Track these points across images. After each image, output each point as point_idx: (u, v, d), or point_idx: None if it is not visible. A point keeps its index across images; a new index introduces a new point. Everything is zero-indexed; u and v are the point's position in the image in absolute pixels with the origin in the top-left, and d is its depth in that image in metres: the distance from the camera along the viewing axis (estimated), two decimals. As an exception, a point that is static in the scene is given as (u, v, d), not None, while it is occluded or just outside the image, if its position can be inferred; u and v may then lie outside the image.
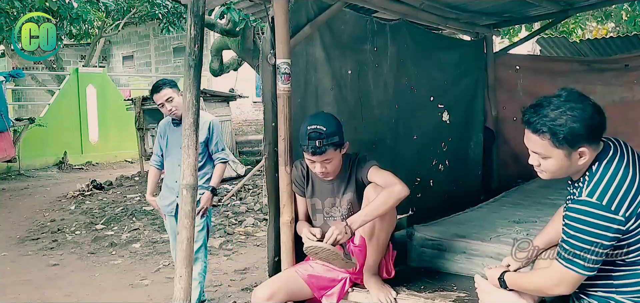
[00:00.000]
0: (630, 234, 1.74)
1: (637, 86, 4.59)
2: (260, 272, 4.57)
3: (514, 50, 5.66)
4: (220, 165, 3.61)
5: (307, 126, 2.49)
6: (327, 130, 2.46)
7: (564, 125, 1.72)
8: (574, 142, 1.74)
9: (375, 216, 2.44)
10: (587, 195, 1.75)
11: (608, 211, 1.71)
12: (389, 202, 2.41)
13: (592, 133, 1.75)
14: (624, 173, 1.75)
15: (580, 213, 1.74)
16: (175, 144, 3.46)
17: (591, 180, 1.77)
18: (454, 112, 4.51)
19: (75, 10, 10.44)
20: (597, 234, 1.71)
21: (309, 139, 2.45)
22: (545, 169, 1.84)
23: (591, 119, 1.73)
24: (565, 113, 1.73)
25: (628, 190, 1.72)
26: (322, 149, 2.45)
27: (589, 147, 1.76)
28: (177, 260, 2.63)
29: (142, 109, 10.36)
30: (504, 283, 2.02)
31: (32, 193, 9.43)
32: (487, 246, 2.83)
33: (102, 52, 18.79)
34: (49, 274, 4.96)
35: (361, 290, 2.69)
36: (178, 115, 3.41)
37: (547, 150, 1.78)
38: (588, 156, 1.77)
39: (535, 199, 3.92)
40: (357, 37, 3.47)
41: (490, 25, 4.89)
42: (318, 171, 2.55)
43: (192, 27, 2.58)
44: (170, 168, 3.59)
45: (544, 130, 1.75)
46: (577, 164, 1.79)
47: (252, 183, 8.27)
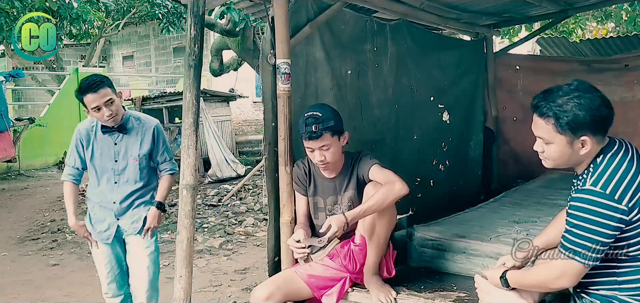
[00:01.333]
0: (633, 226, 1.74)
1: (637, 86, 4.59)
2: (260, 272, 4.57)
3: (514, 50, 5.66)
4: (168, 176, 3.04)
5: (305, 113, 2.56)
6: (322, 116, 2.51)
7: (568, 112, 1.75)
8: (577, 130, 1.76)
9: (373, 211, 2.44)
10: (591, 185, 1.76)
11: (611, 200, 1.72)
12: (387, 199, 2.42)
13: (596, 124, 1.76)
14: (628, 165, 1.76)
15: (584, 202, 1.75)
16: (107, 156, 2.92)
17: (595, 171, 1.79)
18: (454, 112, 4.51)
19: (75, 10, 10.45)
20: (600, 223, 1.72)
21: (306, 125, 2.50)
22: (548, 156, 1.86)
23: (597, 110, 1.74)
24: (572, 100, 1.75)
25: (632, 181, 1.74)
26: (318, 133, 2.48)
27: (592, 138, 1.77)
28: (177, 260, 2.64)
29: (142, 109, 10.37)
30: (506, 282, 2.01)
31: (32, 193, 9.43)
32: (487, 246, 2.83)
33: (102, 52, 18.80)
34: (49, 274, 4.96)
35: (361, 290, 2.69)
36: (117, 122, 2.86)
37: (550, 135, 1.80)
38: (590, 147, 1.78)
39: (535, 199, 3.92)
40: (357, 37, 3.47)
41: (490, 25, 4.89)
42: (317, 159, 2.56)
43: (192, 27, 2.58)
44: (104, 186, 2.94)
45: (549, 115, 1.78)
46: (579, 154, 1.80)
47: (252, 183, 8.27)
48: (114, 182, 2.93)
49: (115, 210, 2.93)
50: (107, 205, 2.94)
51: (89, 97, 2.74)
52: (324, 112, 2.53)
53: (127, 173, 2.92)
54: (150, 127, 2.97)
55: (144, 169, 2.95)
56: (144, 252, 2.97)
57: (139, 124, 2.96)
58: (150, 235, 2.97)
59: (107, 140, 2.91)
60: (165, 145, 3.04)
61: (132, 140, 2.92)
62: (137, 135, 2.94)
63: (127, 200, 2.93)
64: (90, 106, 2.76)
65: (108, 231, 2.95)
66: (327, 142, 2.52)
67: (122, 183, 2.93)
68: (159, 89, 15.00)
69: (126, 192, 2.93)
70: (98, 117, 2.82)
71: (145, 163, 2.95)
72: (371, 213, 2.46)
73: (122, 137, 2.91)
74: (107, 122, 2.83)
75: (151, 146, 2.95)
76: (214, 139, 9.44)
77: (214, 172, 9.20)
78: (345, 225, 2.44)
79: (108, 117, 2.79)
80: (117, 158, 2.91)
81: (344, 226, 2.43)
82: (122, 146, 2.92)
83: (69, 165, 2.97)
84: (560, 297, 2.18)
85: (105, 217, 2.95)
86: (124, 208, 2.94)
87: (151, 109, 10.38)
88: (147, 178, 2.99)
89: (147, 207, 2.97)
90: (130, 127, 2.93)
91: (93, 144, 2.93)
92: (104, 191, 2.94)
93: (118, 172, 2.92)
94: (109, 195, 2.93)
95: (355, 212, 2.45)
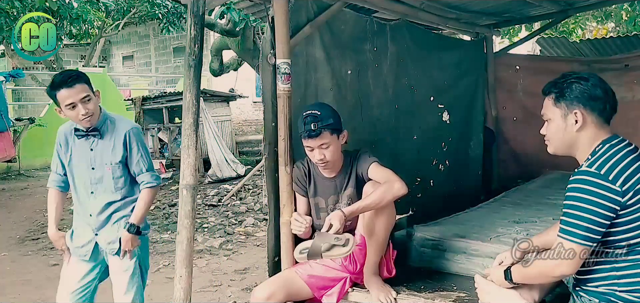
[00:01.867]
0: (627, 210, 1.76)
1: (637, 86, 4.59)
2: (260, 272, 4.57)
3: (514, 50, 5.66)
4: (146, 191, 2.65)
5: (304, 113, 2.56)
6: (321, 114, 2.52)
7: (568, 87, 1.88)
8: (571, 101, 1.86)
9: (370, 208, 2.45)
10: (586, 167, 1.81)
11: (605, 180, 1.75)
12: (386, 197, 2.43)
13: (587, 99, 1.85)
14: (625, 154, 1.80)
15: (578, 183, 1.79)
16: (83, 162, 2.62)
17: (593, 157, 1.84)
18: (454, 112, 4.51)
19: (75, 10, 10.44)
20: (594, 202, 1.75)
21: (305, 123, 2.50)
22: (549, 137, 1.95)
23: (592, 87, 1.85)
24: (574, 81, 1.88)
25: (627, 166, 1.77)
26: (317, 131, 2.49)
27: (586, 115, 1.85)
28: (177, 260, 2.63)
29: (142, 108, 10.38)
30: (510, 276, 2.03)
31: (32, 193, 9.43)
32: (487, 246, 2.83)
33: (102, 52, 18.79)
34: (49, 274, 4.96)
35: (361, 290, 2.69)
36: (93, 123, 2.56)
37: (550, 109, 1.92)
38: (582, 123, 1.85)
39: (535, 199, 3.92)
40: (357, 37, 3.47)
41: (490, 25, 4.89)
42: (317, 158, 2.56)
43: (192, 27, 2.58)
44: (82, 196, 2.67)
45: (552, 90, 1.92)
46: (573, 132, 1.87)
47: (252, 183, 8.27)
48: (91, 192, 2.63)
49: (92, 223, 2.64)
50: (84, 218, 2.67)
51: (63, 93, 2.46)
52: (323, 111, 2.54)
53: (104, 183, 2.62)
54: (122, 130, 2.62)
55: (119, 179, 2.62)
56: (123, 276, 2.68)
57: (113, 127, 2.65)
58: (130, 257, 2.66)
59: (83, 145, 2.62)
60: (142, 153, 2.65)
61: (106, 145, 2.62)
62: (110, 140, 2.62)
63: (103, 213, 2.63)
64: (64, 103, 2.48)
65: (85, 247, 2.66)
66: (327, 141, 2.52)
67: (99, 194, 2.63)
68: (159, 89, 15.01)
69: (102, 204, 2.63)
70: (72, 116, 2.53)
71: (121, 172, 2.62)
72: (369, 210, 2.46)
73: (97, 142, 2.62)
74: (83, 123, 2.53)
75: (124, 153, 2.61)
76: (214, 138, 9.45)
77: (214, 172, 9.20)
78: (344, 220, 2.40)
79: (83, 116, 2.50)
80: (93, 165, 2.62)
81: (343, 222, 2.40)
82: (98, 152, 2.62)
83: (52, 171, 2.73)
84: (560, 296, 2.19)
85: (84, 231, 2.67)
86: (101, 222, 2.64)
87: (151, 109, 10.38)
88: (126, 190, 2.66)
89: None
90: (104, 130, 2.63)
91: (72, 149, 2.65)
92: (82, 201, 2.67)
93: (95, 181, 2.62)
94: (86, 206, 2.65)
95: (352, 207, 2.45)
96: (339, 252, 2.39)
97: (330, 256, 2.42)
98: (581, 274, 1.89)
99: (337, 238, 2.36)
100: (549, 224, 2.78)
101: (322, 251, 2.37)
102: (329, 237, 2.36)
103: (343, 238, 2.37)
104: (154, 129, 10.41)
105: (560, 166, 4.61)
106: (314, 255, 2.40)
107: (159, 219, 6.79)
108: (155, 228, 6.39)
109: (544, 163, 4.75)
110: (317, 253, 2.38)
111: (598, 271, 1.86)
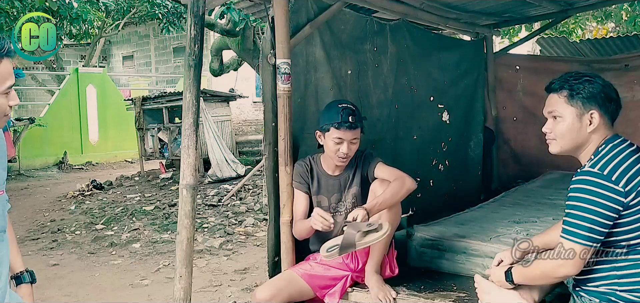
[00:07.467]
0: (630, 211, 1.76)
1: (637, 86, 4.59)
2: (260, 272, 4.57)
3: (514, 50, 5.66)
4: None
5: (338, 105, 2.57)
6: (356, 109, 2.58)
7: (582, 86, 1.85)
8: (588, 101, 1.83)
9: (388, 203, 2.48)
10: (589, 167, 1.80)
11: (608, 180, 1.75)
12: (401, 192, 2.49)
13: (605, 101, 1.84)
14: (628, 154, 1.80)
15: (581, 183, 1.79)
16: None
17: (595, 157, 1.83)
18: (454, 112, 4.51)
19: (75, 10, 10.44)
20: (597, 202, 1.74)
21: (341, 115, 2.51)
22: (556, 134, 1.90)
23: (609, 88, 1.86)
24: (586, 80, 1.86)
25: (630, 167, 1.77)
26: (355, 124, 2.53)
27: (600, 116, 1.83)
28: (177, 260, 2.63)
29: (142, 108, 10.37)
30: (510, 276, 2.02)
31: (32, 193, 9.43)
32: (487, 246, 2.83)
33: (102, 52, 18.79)
34: (49, 274, 4.96)
35: (361, 289, 2.69)
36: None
37: (562, 107, 1.87)
38: (596, 124, 1.83)
39: (535, 199, 3.92)
40: (357, 37, 3.47)
41: (490, 25, 4.89)
42: (343, 152, 2.56)
43: (192, 27, 2.58)
44: None
45: (564, 87, 1.87)
46: (586, 132, 1.84)
47: (252, 183, 8.27)
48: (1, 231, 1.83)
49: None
50: None
51: None
52: (356, 107, 2.60)
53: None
54: None
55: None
56: None
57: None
58: None
59: None
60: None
61: None
62: None
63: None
64: None
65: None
66: (358, 136, 2.58)
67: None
68: (159, 89, 14.99)
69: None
70: None
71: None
72: (387, 206, 2.48)
73: None
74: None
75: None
76: (214, 138, 9.44)
77: (214, 172, 9.19)
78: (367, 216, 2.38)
79: None
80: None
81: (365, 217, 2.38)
82: None
83: None
84: (560, 296, 2.19)
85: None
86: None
87: (151, 109, 10.38)
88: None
89: None
90: None
91: None
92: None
93: None
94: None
95: (372, 203, 2.47)
96: (374, 237, 2.32)
97: (365, 244, 2.34)
98: (581, 274, 1.89)
99: (369, 225, 2.31)
100: (549, 224, 2.78)
101: (356, 241, 2.29)
102: (360, 225, 2.30)
103: (376, 223, 2.32)
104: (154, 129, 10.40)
105: (560, 166, 4.62)
106: (347, 247, 2.31)
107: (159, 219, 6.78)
108: (155, 228, 6.39)
109: (544, 163, 4.75)
110: (351, 244, 2.29)
111: (598, 271, 1.85)
